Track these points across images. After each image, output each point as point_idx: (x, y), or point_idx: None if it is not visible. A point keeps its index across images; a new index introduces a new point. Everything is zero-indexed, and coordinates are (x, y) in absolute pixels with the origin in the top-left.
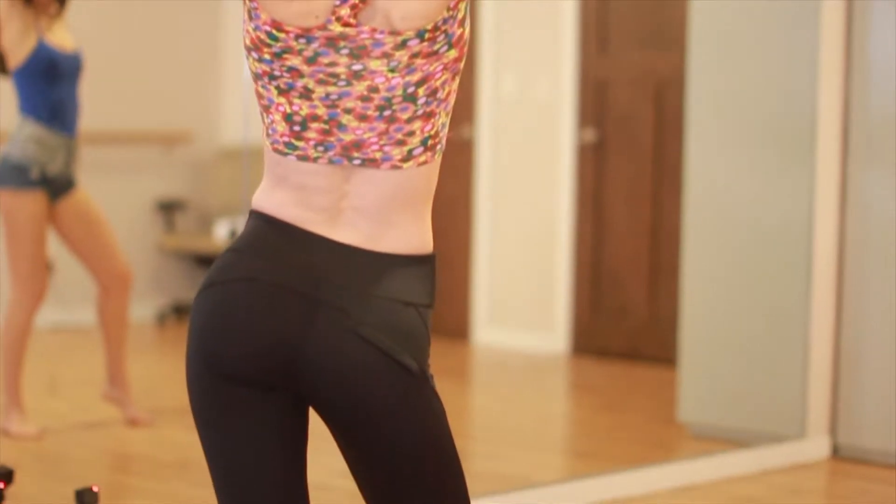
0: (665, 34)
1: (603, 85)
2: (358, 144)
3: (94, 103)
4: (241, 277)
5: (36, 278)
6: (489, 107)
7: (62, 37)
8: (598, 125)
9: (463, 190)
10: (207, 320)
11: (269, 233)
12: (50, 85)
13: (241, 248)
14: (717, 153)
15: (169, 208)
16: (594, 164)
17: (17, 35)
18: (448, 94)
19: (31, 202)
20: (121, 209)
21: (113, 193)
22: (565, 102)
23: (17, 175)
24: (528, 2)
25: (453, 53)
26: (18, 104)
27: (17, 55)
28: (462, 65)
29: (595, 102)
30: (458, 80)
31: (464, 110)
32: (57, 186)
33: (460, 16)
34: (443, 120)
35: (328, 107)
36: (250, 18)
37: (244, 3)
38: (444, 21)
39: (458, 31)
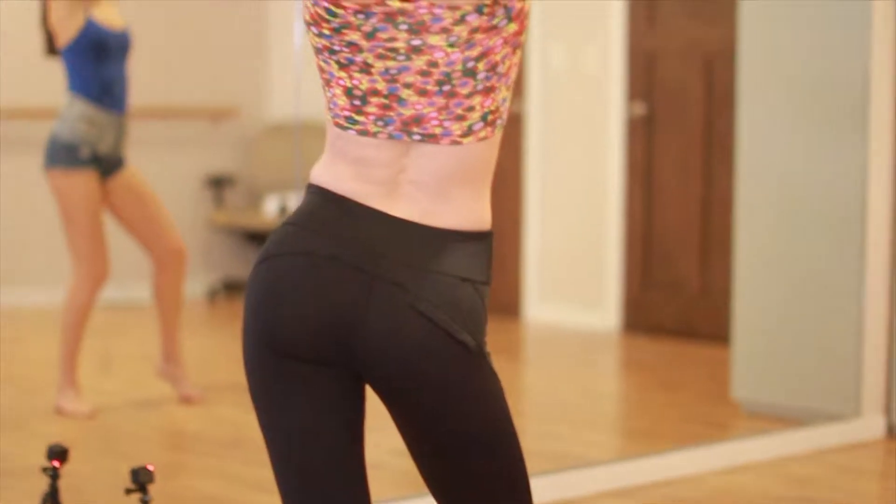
0: (714, 5)
1: (652, 57)
2: (418, 119)
3: (142, 79)
4: (297, 251)
5: (96, 258)
6: (538, 80)
7: (110, 14)
8: (648, 98)
9: (513, 164)
10: (263, 295)
11: (325, 206)
12: (99, 63)
13: (298, 221)
14: (769, 125)
15: (218, 184)
16: (644, 138)
17: (65, 13)
18: (509, 68)
19: (83, 182)
20: (170, 185)
21: (161, 169)
22: (614, 75)
23: (67, 154)
24: None
25: (513, 27)
26: (67, 82)
27: (66, 33)
28: (524, 38)
29: (644, 75)
30: (519, 53)
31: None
32: (107, 165)
33: None
34: (503, 95)
35: (388, 81)
36: None
37: None
38: None
39: (518, 5)
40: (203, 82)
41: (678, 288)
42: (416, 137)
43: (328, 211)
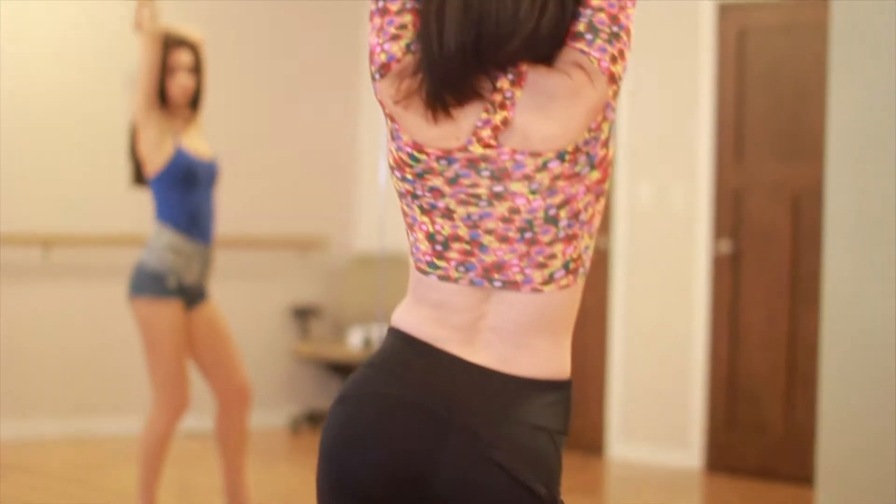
0: (802, 143)
1: (739, 194)
2: (499, 266)
3: (230, 208)
4: (373, 393)
5: (177, 389)
6: (625, 217)
7: (198, 143)
8: (734, 235)
9: (598, 301)
10: (337, 435)
11: (404, 350)
12: (187, 192)
13: (376, 363)
14: (857, 265)
15: (303, 314)
16: (730, 276)
17: (154, 142)
18: (592, 216)
19: (168, 312)
20: (255, 314)
21: (248, 298)
22: (701, 212)
23: (154, 284)
24: (664, 111)
25: (596, 175)
26: (155, 211)
27: (155, 162)
28: (607, 186)
29: (731, 212)
30: (602, 201)
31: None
32: (192, 295)
33: (603, 137)
34: (586, 243)
35: (470, 227)
36: (393, 139)
37: (387, 123)
38: (586, 142)
39: (601, 153)
40: (291, 213)
41: (762, 428)
42: (497, 284)
43: (407, 355)
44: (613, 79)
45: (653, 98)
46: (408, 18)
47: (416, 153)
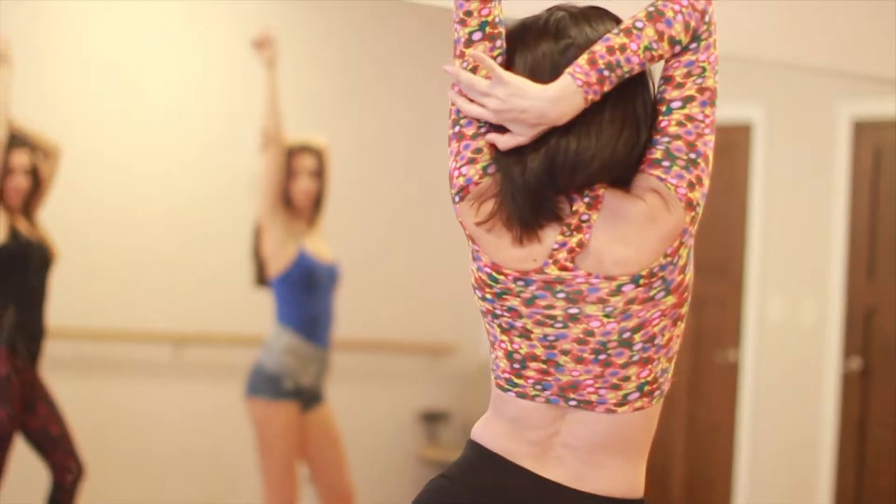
0: None
1: (870, 312)
2: (574, 386)
3: (363, 312)
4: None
5: (287, 489)
6: (754, 331)
7: (320, 246)
8: (864, 353)
9: (726, 414)
10: None
11: (478, 463)
12: (308, 295)
13: (451, 475)
14: None
15: (432, 419)
16: (859, 394)
17: (277, 243)
18: (669, 340)
19: (284, 413)
20: (384, 418)
21: (377, 402)
22: (831, 328)
23: (271, 385)
24: (797, 226)
25: (671, 300)
26: (276, 313)
27: (278, 264)
28: (684, 310)
29: (861, 329)
30: (681, 325)
31: (730, 333)
32: (307, 398)
33: (681, 262)
34: (663, 366)
35: (546, 347)
36: (473, 259)
37: (469, 243)
38: (662, 267)
39: (678, 278)
40: (420, 319)
41: None
42: (572, 403)
43: (480, 468)
44: (691, 205)
45: (786, 213)
46: (482, 142)
47: (494, 273)
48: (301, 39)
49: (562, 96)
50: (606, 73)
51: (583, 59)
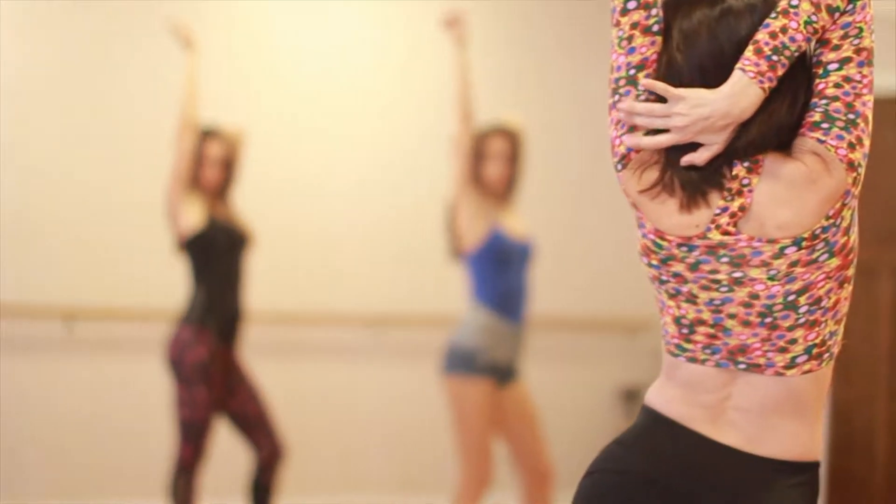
0: None
1: None
2: (742, 349)
3: (556, 288)
4: (616, 469)
5: (481, 465)
6: None
7: (514, 223)
8: None
9: None
10: None
11: (652, 428)
12: (501, 272)
13: (625, 440)
14: None
15: (631, 396)
16: None
17: (470, 220)
18: (836, 302)
19: (478, 390)
20: (582, 396)
21: (575, 380)
22: None
23: (466, 362)
24: None
25: (835, 262)
26: (471, 290)
27: (471, 241)
28: (850, 272)
29: None
30: (848, 287)
31: None
32: (502, 374)
33: (844, 224)
34: (830, 329)
35: (713, 312)
36: (638, 226)
37: (633, 211)
38: (824, 230)
39: (842, 240)
40: (617, 295)
41: None
42: (742, 367)
43: (654, 433)
44: (852, 166)
45: None
46: None
47: (658, 240)
48: (492, 20)
49: (736, 91)
50: (775, 58)
51: (749, 52)
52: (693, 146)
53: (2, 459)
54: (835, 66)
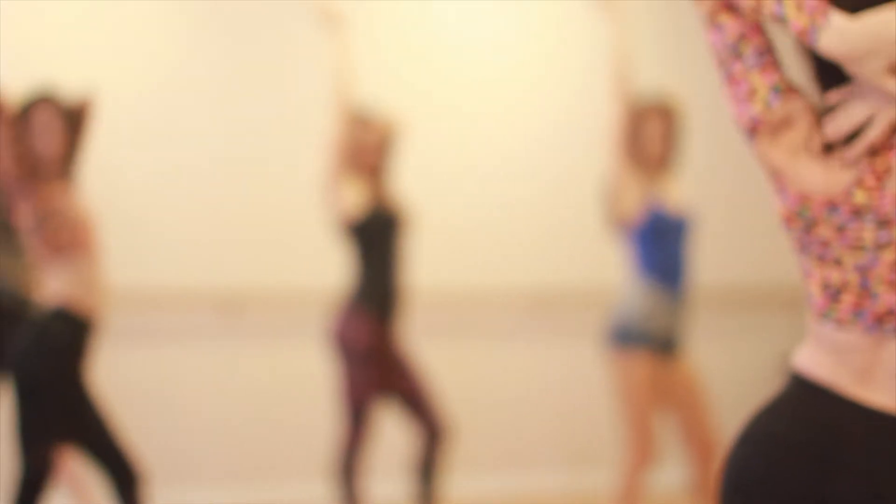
0: None
1: None
2: (890, 313)
3: (719, 261)
4: (767, 434)
5: (644, 438)
6: None
7: (673, 195)
8: None
9: None
10: (731, 477)
11: (801, 394)
12: (660, 245)
13: (772, 406)
14: None
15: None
16: None
17: (628, 193)
18: None
19: (640, 363)
20: (745, 369)
21: (739, 353)
22: None
23: (626, 335)
24: None
25: None
26: (629, 263)
27: (629, 214)
28: None
29: None
30: None
31: None
32: (664, 347)
33: None
34: None
35: (859, 275)
36: (777, 192)
37: (770, 179)
38: None
39: None
40: (783, 266)
41: None
42: (890, 331)
43: (803, 398)
44: None
45: None
46: (754, 77)
47: (802, 205)
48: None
49: None
50: None
51: None
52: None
53: (171, 445)
54: None
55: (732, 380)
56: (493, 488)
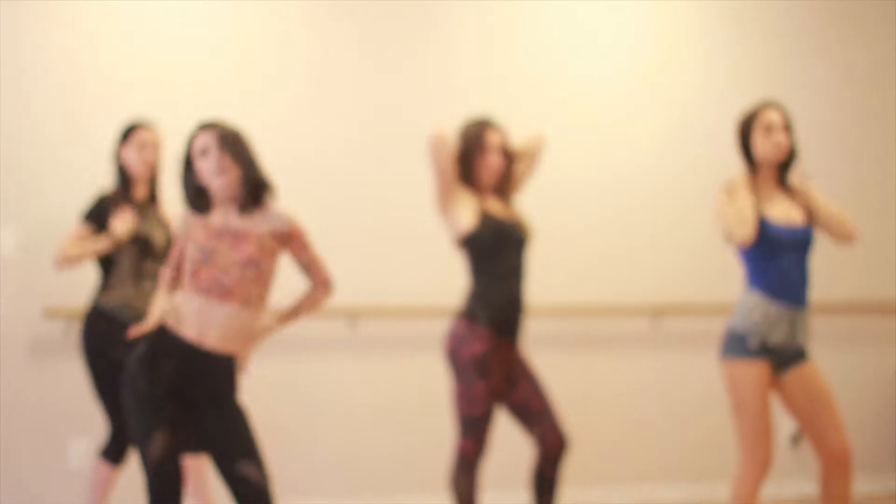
0: None
1: None
2: None
3: (845, 272)
4: None
5: (759, 447)
6: None
7: (787, 210)
8: None
9: None
10: None
11: None
12: (773, 258)
13: None
14: None
15: None
16: None
17: (739, 210)
18: None
19: (751, 372)
20: (866, 379)
21: (857, 363)
22: None
23: (740, 345)
24: None
25: None
26: (745, 276)
27: (743, 228)
28: None
29: None
30: None
31: None
32: (781, 356)
33: None
34: None
35: None
36: None
37: None
38: None
39: None
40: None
41: None
42: None
43: None
44: None
45: None
46: None
47: None
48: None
49: None
50: None
51: None
52: None
53: (293, 458)
54: None
55: (855, 390)
56: (612, 502)
